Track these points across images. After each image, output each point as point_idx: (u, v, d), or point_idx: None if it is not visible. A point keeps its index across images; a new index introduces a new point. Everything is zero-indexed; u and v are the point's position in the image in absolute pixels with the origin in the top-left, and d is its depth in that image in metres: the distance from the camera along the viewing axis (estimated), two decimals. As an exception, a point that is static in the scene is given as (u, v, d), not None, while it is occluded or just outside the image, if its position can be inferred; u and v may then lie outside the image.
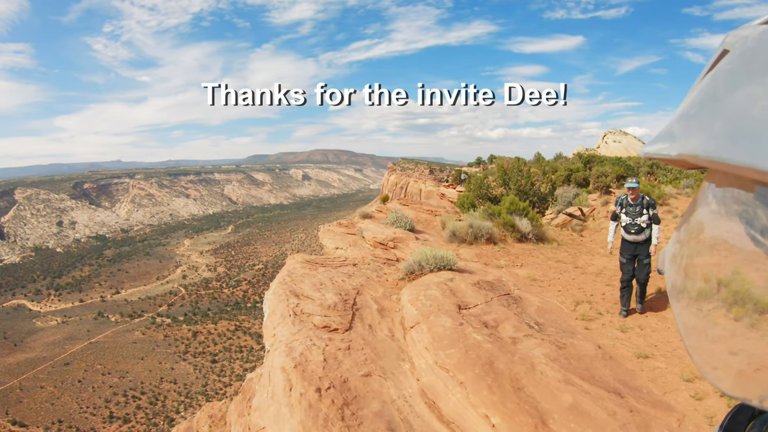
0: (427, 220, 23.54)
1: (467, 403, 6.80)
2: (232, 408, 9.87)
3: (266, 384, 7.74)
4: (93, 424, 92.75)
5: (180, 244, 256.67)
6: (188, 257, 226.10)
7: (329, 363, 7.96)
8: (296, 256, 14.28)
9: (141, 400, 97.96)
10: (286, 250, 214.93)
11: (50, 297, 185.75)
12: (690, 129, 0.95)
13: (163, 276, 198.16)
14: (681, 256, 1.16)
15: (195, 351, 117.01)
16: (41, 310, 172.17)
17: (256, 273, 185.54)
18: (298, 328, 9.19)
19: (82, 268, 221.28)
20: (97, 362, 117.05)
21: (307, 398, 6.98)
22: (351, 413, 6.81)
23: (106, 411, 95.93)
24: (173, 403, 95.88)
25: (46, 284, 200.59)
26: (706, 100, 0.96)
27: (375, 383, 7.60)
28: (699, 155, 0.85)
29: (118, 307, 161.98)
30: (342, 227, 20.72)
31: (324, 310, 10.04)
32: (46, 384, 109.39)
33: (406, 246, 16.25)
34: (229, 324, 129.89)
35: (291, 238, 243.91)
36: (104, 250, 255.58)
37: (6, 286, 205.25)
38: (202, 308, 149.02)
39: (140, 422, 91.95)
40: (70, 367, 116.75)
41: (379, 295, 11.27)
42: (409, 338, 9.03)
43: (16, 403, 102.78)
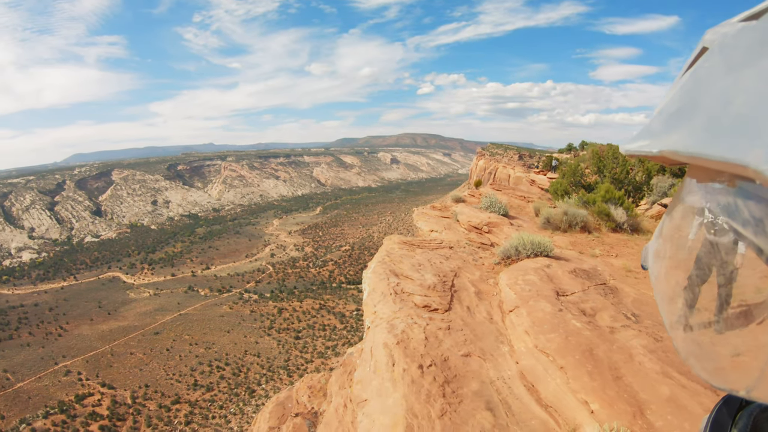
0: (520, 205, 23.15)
1: (567, 388, 6.74)
2: (332, 380, 10.27)
3: (368, 359, 7.90)
4: (177, 390, 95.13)
5: (269, 224, 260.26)
6: (277, 236, 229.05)
7: (430, 341, 8.00)
8: (393, 237, 14.54)
9: (225, 371, 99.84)
10: (373, 233, 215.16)
11: (144, 270, 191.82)
12: (670, 126, 0.96)
13: (251, 254, 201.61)
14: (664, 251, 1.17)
15: (279, 327, 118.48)
16: (135, 282, 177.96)
17: (343, 254, 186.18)
18: (399, 307, 9.28)
19: (174, 245, 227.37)
20: (185, 333, 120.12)
21: (410, 374, 7.08)
22: (451, 391, 6.81)
23: (191, 379, 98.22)
24: (255, 376, 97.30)
25: (140, 259, 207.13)
26: (686, 97, 0.97)
27: (474, 363, 7.58)
28: (680, 151, 0.86)
29: (207, 282, 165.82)
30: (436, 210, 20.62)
31: (424, 290, 10.10)
32: (135, 351, 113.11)
33: (500, 231, 16.12)
34: (313, 302, 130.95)
35: (378, 220, 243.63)
36: (196, 228, 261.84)
37: (103, 260, 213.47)
38: (289, 286, 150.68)
39: (222, 391, 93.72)
40: (159, 336, 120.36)
41: (476, 278, 11.16)
42: (508, 321, 9.11)
43: (107, 367, 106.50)
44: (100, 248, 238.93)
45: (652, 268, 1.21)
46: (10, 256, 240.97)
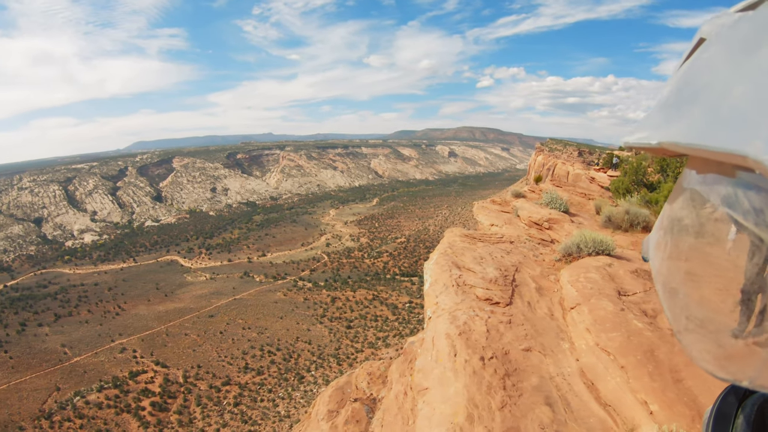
0: (580, 203, 22.83)
1: (627, 387, 6.70)
2: (393, 368, 10.29)
3: (429, 348, 7.91)
4: (228, 372, 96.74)
5: (325, 214, 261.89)
6: (333, 226, 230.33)
7: (492, 334, 8.02)
8: (454, 230, 14.40)
9: (275, 356, 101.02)
10: (429, 226, 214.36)
11: (201, 255, 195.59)
12: (669, 117, 0.95)
13: (307, 242, 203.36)
14: (665, 243, 1.17)
15: (332, 315, 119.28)
16: (192, 266, 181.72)
17: (398, 246, 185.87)
18: (461, 298, 9.27)
19: (232, 231, 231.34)
20: (239, 317, 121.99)
21: (472, 365, 7.12)
22: (512, 384, 6.83)
23: (242, 362, 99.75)
24: (305, 362, 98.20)
25: (198, 243, 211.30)
26: (685, 89, 0.97)
27: (534, 358, 7.58)
28: (679, 143, 0.85)
29: (263, 268, 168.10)
30: (496, 205, 20.55)
31: (486, 283, 10.09)
32: (190, 332, 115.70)
33: (560, 227, 15.97)
34: (367, 293, 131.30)
35: (435, 213, 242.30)
36: (253, 216, 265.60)
37: (162, 243, 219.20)
38: (343, 276, 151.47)
39: (272, 375, 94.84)
40: (213, 319, 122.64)
41: (537, 273, 11.10)
42: (569, 318, 9.08)
43: (161, 346, 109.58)
44: (159, 232, 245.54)
45: (653, 260, 1.20)
46: (72, 238, 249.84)
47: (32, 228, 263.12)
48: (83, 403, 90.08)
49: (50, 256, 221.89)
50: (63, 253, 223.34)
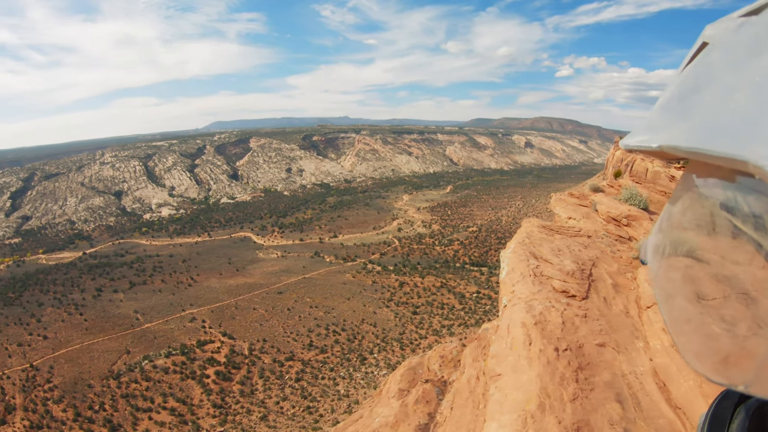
0: (660, 201, 22.24)
1: (699, 392, 6.60)
2: (467, 352, 10.48)
3: (504, 335, 8.02)
4: (293, 348, 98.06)
5: (399, 199, 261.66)
6: (405, 212, 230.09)
7: (567, 326, 8.05)
8: (532, 221, 14.46)
9: (340, 336, 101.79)
10: (502, 216, 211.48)
11: (274, 233, 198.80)
12: (670, 121, 0.96)
13: (379, 226, 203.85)
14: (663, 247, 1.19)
15: (399, 300, 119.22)
16: (264, 243, 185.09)
17: (469, 235, 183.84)
18: (538, 289, 9.31)
19: (305, 211, 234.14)
20: (307, 295, 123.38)
21: (546, 355, 7.19)
22: (584, 378, 6.88)
23: (306, 339, 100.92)
24: (369, 344, 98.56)
25: (272, 222, 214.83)
26: (686, 92, 0.98)
27: (608, 354, 7.57)
28: (679, 146, 0.86)
29: (333, 249, 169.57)
30: (574, 198, 20.16)
31: (562, 275, 10.08)
32: (258, 307, 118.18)
33: (639, 225, 15.56)
34: (435, 280, 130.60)
35: (508, 204, 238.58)
36: (327, 197, 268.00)
37: (236, 220, 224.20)
38: (412, 261, 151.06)
39: (335, 355, 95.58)
40: (282, 295, 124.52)
41: (614, 270, 10.88)
42: (645, 317, 9.05)
43: (230, 318, 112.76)
44: (234, 209, 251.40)
45: (651, 262, 1.21)
46: (150, 211, 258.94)
47: (112, 200, 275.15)
48: (150, 367, 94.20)
49: (128, 227, 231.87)
50: (141, 225, 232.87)
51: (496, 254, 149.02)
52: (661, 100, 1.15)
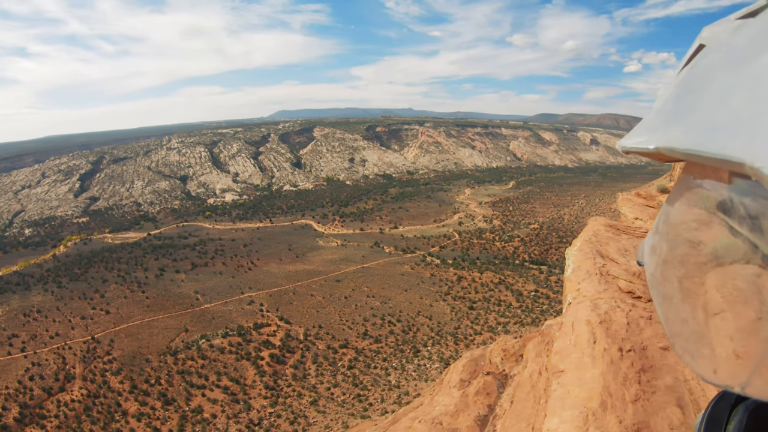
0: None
1: None
2: (530, 347, 10.33)
3: (568, 332, 8.02)
4: (347, 336, 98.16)
5: (460, 192, 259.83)
6: (467, 206, 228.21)
7: (632, 327, 7.93)
8: (599, 219, 14.62)
9: (395, 327, 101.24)
10: (564, 215, 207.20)
11: (335, 222, 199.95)
12: (667, 122, 0.97)
13: (440, 219, 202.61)
14: (660, 248, 1.18)
15: (456, 294, 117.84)
16: (325, 231, 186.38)
17: (530, 232, 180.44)
18: (604, 288, 9.37)
19: (366, 201, 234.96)
20: (365, 285, 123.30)
21: (610, 354, 7.16)
22: (646, 380, 6.85)
23: (362, 328, 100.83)
24: (423, 337, 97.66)
25: (333, 211, 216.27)
26: (683, 94, 0.98)
27: (671, 358, 7.47)
28: (676, 148, 0.87)
29: (393, 240, 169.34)
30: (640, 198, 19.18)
31: (629, 275, 9.98)
32: (316, 294, 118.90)
33: (707, 228, 13.80)
34: (494, 276, 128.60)
35: (571, 202, 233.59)
36: (389, 188, 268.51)
37: (298, 208, 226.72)
38: (472, 256, 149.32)
39: (389, 345, 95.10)
40: (340, 284, 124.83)
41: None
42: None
43: (288, 303, 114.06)
44: (296, 197, 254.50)
45: (648, 264, 1.21)
46: (214, 196, 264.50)
47: (178, 184, 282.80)
48: (207, 346, 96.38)
49: (192, 210, 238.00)
50: (204, 209, 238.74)
51: (556, 253, 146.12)
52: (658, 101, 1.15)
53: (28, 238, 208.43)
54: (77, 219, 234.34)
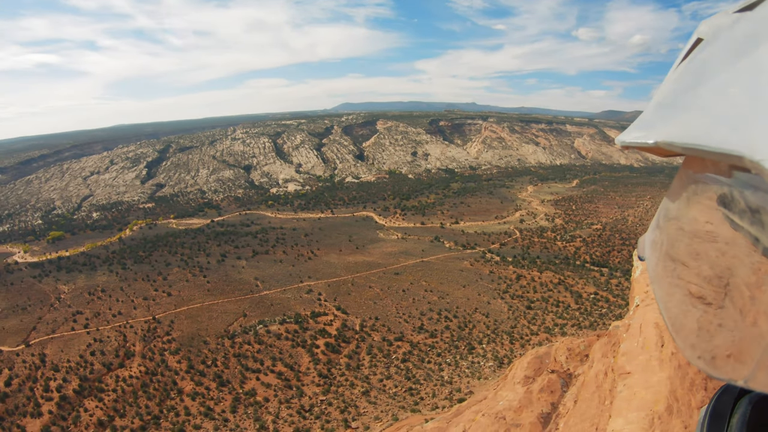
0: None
1: None
2: (596, 347, 10.28)
3: (636, 335, 7.81)
4: (403, 329, 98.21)
5: (523, 189, 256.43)
6: (529, 203, 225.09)
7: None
8: None
9: (451, 322, 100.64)
10: (628, 216, 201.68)
11: (396, 215, 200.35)
12: (666, 117, 0.97)
13: (501, 216, 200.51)
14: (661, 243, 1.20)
15: (514, 293, 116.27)
16: (386, 224, 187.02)
17: (593, 233, 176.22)
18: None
19: (428, 195, 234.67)
20: (423, 279, 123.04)
21: (678, 359, 6.92)
22: (713, 387, 6.62)
23: (418, 322, 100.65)
24: (479, 334, 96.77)
25: (394, 204, 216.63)
26: (681, 89, 0.99)
27: None
28: (675, 143, 0.88)
29: (453, 235, 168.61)
30: None
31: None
32: (374, 285, 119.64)
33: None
34: (553, 276, 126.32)
35: (636, 203, 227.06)
36: (451, 183, 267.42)
37: (359, 199, 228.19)
38: (532, 254, 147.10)
39: (444, 340, 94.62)
40: (399, 277, 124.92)
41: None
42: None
43: (345, 294, 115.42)
44: (358, 189, 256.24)
45: (649, 259, 1.23)
46: (277, 186, 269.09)
47: (241, 174, 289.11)
48: (264, 331, 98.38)
49: (255, 199, 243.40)
50: (267, 198, 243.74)
51: (618, 255, 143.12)
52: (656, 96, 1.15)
53: (95, 221, 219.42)
54: (143, 204, 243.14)
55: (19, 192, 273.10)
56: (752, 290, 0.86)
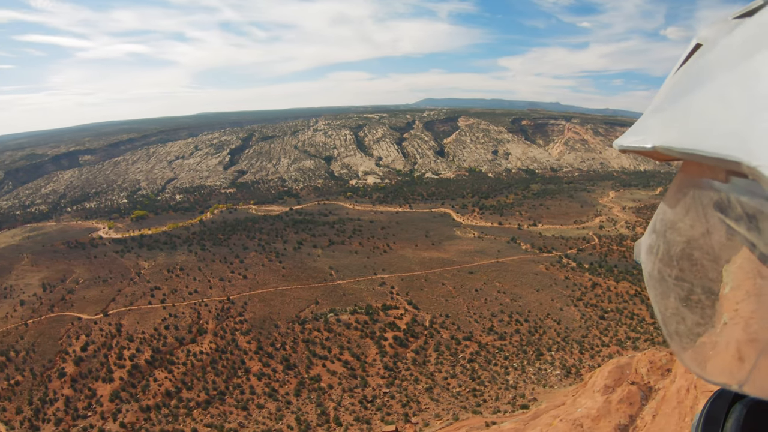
0: None
1: None
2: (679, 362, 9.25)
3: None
4: (472, 329, 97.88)
5: (604, 194, 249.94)
6: (609, 209, 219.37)
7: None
8: None
9: (522, 326, 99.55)
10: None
11: (473, 213, 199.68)
12: (664, 122, 0.98)
13: (580, 221, 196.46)
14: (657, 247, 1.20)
15: (588, 301, 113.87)
16: (463, 222, 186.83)
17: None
18: None
19: (507, 195, 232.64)
20: (497, 279, 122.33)
21: None
22: None
23: (488, 323, 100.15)
24: (548, 341, 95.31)
25: (472, 202, 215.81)
26: (680, 93, 0.99)
27: None
28: (673, 147, 0.89)
29: (530, 238, 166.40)
30: None
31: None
32: (447, 283, 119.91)
33: None
34: (630, 287, 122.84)
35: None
36: (531, 184, 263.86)
37: (437, 195, 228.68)
38: (609, 263, 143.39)
39: (513, 344, 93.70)
40: (472, 276, 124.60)
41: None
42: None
43: (418, 289, 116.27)
44: (437, 185, 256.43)
45: (645, 263, 1.25)
46: (356, 178, 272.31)
47: (322, 164, 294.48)
48: (335, 320, 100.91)
49: (334, 190, 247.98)
50: (346, 189, 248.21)
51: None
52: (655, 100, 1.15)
53: (178, 203, 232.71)
54: (225, 189, 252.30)
55: (107, 172, 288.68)
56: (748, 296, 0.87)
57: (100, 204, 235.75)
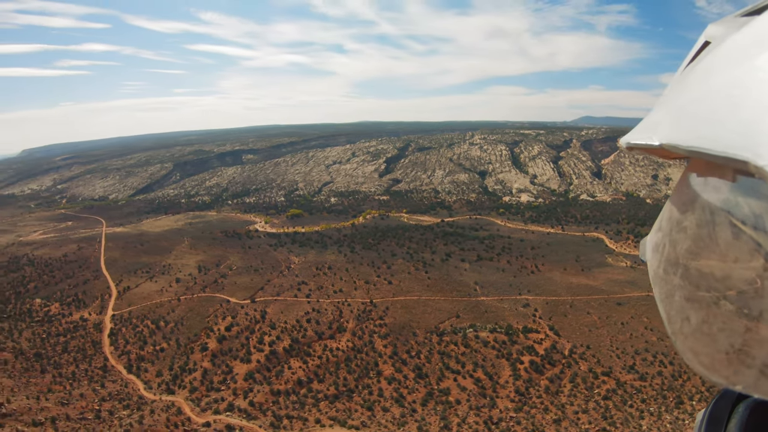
0: None
1: None
2: None
3: None
4: (612, 365, 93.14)
5: None
6: None
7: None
8: None
9: (665, 369, 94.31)
10: None
11: (628, 240, 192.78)
12: (672, 119, 0.99)
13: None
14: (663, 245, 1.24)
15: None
16: (616, 249, 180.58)
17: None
18: None
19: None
20: (646, 315, 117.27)
21: None
22: None
23: (630, 360, 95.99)
24: (692, 389, 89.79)
25: (628, 228, 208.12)
26: (687, 91, 1.00)
27: None
28: (680, 145, 0.90)
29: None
30: None
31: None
32: (592, 312, 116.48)
33: None
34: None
35: None
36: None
37: (591, 219, 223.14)
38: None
39: (653, 387, 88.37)
40: (620, 308, 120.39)
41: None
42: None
43: (561, 315, 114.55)
44: (592, 207, 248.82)
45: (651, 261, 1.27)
46: (510, 194, 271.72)
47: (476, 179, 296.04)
48: (473, 336, 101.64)
49: (487, 205, 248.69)
50: (498, 206, 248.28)
51: None
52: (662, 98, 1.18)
53: (332, 205, 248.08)
54: (378, 196, 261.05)
55: (267, 171, 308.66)
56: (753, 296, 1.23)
57: (259, 200, 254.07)
